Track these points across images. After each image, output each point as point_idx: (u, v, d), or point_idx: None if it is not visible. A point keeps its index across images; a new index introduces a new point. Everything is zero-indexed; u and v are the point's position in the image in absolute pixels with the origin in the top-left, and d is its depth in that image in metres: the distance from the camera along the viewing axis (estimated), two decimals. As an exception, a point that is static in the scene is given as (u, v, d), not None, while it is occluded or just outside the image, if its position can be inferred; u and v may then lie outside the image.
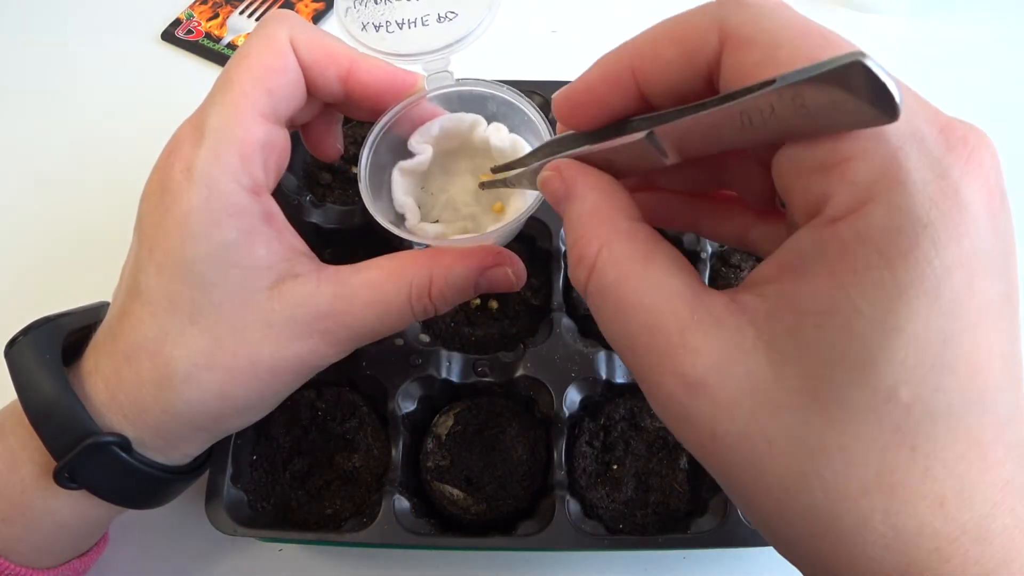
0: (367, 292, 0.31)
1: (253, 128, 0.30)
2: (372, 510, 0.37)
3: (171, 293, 0.30)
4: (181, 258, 0.29)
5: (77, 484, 0.31)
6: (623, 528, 0.39)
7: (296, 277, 0.31)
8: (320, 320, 0.31)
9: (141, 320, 0.31)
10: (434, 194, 0.36)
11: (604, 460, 0.40)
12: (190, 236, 0.29)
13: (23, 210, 0.54)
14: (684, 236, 0.44)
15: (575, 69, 0.25)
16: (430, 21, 0.33)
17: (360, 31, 0.33)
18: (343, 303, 0.31)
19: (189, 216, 0.29)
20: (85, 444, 0.30)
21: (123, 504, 0.34)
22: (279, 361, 0.31)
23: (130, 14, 0.63)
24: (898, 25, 0.63)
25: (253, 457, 0.40)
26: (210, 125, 0.30)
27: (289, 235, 0.33)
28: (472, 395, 0.41)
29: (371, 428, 0.40)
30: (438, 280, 0.32)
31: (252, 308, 0.30)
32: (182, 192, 0.29)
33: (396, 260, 0.32)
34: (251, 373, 0.31)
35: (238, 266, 0.30)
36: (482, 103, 0.35)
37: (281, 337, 0.31)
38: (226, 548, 0.41)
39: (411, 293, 0.32)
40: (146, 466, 0.32)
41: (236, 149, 0.29)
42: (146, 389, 0.31)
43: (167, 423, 0.31)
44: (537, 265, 0.45)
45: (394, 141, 0.35)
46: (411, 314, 0.32)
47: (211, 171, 0.29)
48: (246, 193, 0.30)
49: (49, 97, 0.59)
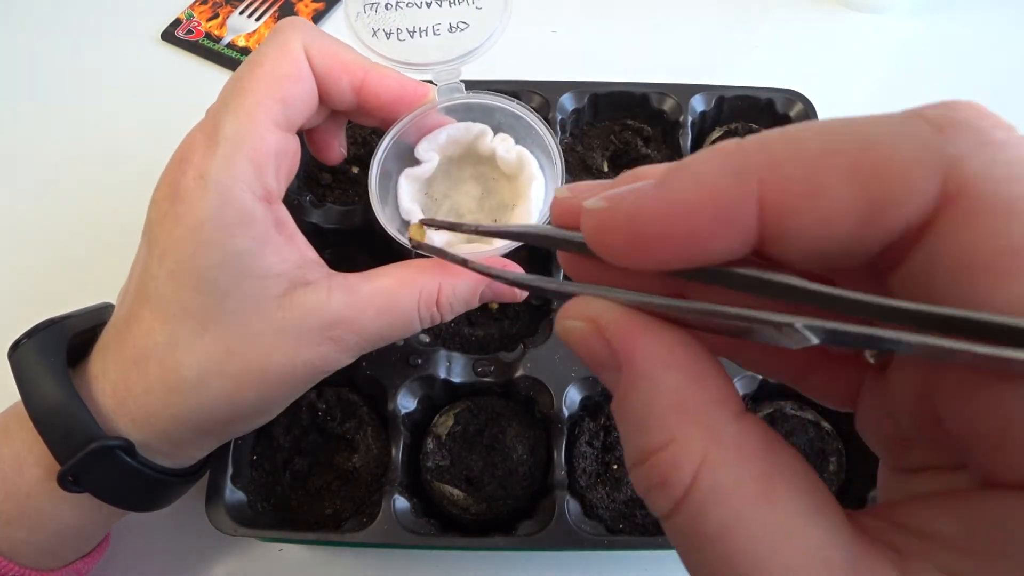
0: (378, 300, 0.32)
1: (267, 137, 0.30)
2: (372, 510, 0.37)
3: (182, 300, 0.30)
4: (193, 266, 0.29)
5: (81, 488, 0.31)
6: (623, 528, 0.39)
7: (307, 285, 0.31)
8: (331, 328, 0.31)
9: (151, 326, 0.31)
10: (438, 200, 0.37)
11: (604, 460, 0.40)
12: (203, 245, 0.29)
13: (23, 210, 0.54)
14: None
15: (575, 69, 0.25)
16: (441, 30, 0.33)
17: (371, 37, 0.33)
18: (354, 311, 0.31)
19: (202, 225, 0.29)
20: (90, 448, 0.30)
21: (126, 507, 0.34)
22: (289, 368, 0.31)
23: (130, 14, 0.63)
24: (898, 25, 0.63)
25: (253, 457, 0.40)
26: (224, 133, 0.30)
27: (300, 243, 0.33)
28: (472, 395, 0.41)
29: (371, 428, 0.40)
30: (446, 290, 0.32)
31: (263, 316, 0.30)
32: (195, 200, 0.29)
33: (406, 269, 0.33)
34: (261, 380, 0.31)
35: (250, 275, 0.30)
36: (489, 113, 0.35)
37: (292, 344, 0.31)
38: (226, 548, 0.41)
39: (420, 301, 0.32)
40: (150, 470, 0.32)
41: (250, 158, 0.29)
42: (155, 395, 0.31)
43: (175, 428, 0.31)
44: (537, 265, 0.45)
45: (400, 148, 0.35)
46: (418, 322, 0.33)
47: (224, 180, 0.29)
48: (259, 202, 0.30)
49: (49, 97, 0.59)
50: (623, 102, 0.50)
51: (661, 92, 0.49)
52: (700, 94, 0.49)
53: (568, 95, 0.49)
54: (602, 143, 0.50)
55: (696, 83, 0.50)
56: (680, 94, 0.49)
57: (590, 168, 0.48)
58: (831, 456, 0.40)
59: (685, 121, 0.48)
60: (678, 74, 0.56)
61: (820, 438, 0.40)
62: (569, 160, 0.49)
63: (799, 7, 0.64)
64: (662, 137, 0.50)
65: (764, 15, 0.64)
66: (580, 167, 0.49)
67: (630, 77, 0.50)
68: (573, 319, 0.17)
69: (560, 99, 0.48)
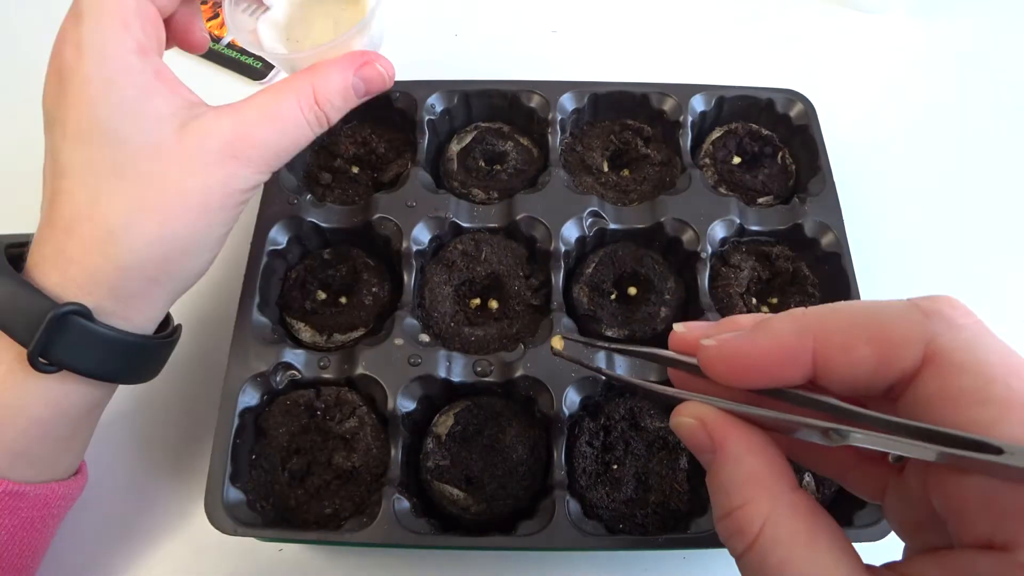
0: (260, 112, 0.35)
1: None
2: (372, 510, 0.37)
3: (91, 157, 0.33)
4: (92, 123, 0.32)
5: (54, 366, 0.33)
6: (623, 528, 0.39)
7: (197, 118, 0.34)
8: (228, 146, 0.34)
9: (71, 193, 0.33)
10: (299, 41, 0.41)
11: (604, 460, 0.40)
12: (93, 100, 0.32)
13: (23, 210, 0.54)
14: (684, 236, 0.44)
15: (575, 69, 0.25)
16: None
17: None
18: (244, 127, 0.34)
19: (88, 83, 0.32)
20: (48, 319, 0.31)
21: (103, 377, 0.35)
22: (205, 190, 0.34)
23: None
24: (898, 25, 0.63)
25: (252, 457, 0.40)
26: (84, 5, 0.33)
27: (182, 88, 0.35)
28: (472, 395, 0.41)
29: (370, 428, 0.40)
30: (319, 86, 0.36)
31: (166, 151, 0.33)
32: (78, 66, 0.32)
33: (281, 81, 0.37)
34: (183, 207, 0.33)
35: (143, 117, 0.33)
36: None
37: (200, 168, 0.34)
38: (226, 548, 0.41)
39: (300, 103, 0.36)
40: (113, 332, 0.34)
41: (114, 18, 0.33)
42: (93, 252, 0.33)
43: (120, 279, 0.33)
44: (537, 265, 0.45)
45: None
46: (306, 124, 0.36)
47: (96, 40, 0.32)
48: (133, 54, 0.33)
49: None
50: (623, 102, 0.50)
51: (661, 92, 0.49)
52: (700, 94, 0.49)
53: (568, 95, 0.49)
54: (602, 143, 0.50)
55: (696, 83, 0.50)
56: (680, 94, 0.49)
57: (590, 168, 0.48)
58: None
59: (685, 121, 0.48)
60: (678, 74, 0.56)
61: (820, 438, 0.40)
62: (569, 160, 0.49)
63: (799, 7, 0.64)
64: (662, 137, 0.50)
65: (764, 15, 0.64)
66: (580, 167, 0.49)
67: (630, 77, 0.50)
68: (685, 417, 0.25)
69: (560, 99, 0.48)
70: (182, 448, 0.44)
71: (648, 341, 0.43)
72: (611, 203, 0.46)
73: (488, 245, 0.45)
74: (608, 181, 0.48)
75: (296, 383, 0.41)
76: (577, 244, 0.45)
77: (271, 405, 0.41)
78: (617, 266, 0.45)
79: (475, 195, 0.47)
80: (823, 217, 0.45)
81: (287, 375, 0.41)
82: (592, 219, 0.45)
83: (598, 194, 0.47)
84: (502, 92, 0.49)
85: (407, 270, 0.43)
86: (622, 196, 0.48)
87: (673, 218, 0.45)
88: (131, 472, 0.43)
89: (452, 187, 0.47)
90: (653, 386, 0.27)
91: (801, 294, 0.45)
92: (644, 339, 0.43)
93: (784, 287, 0.45)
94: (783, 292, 0.46)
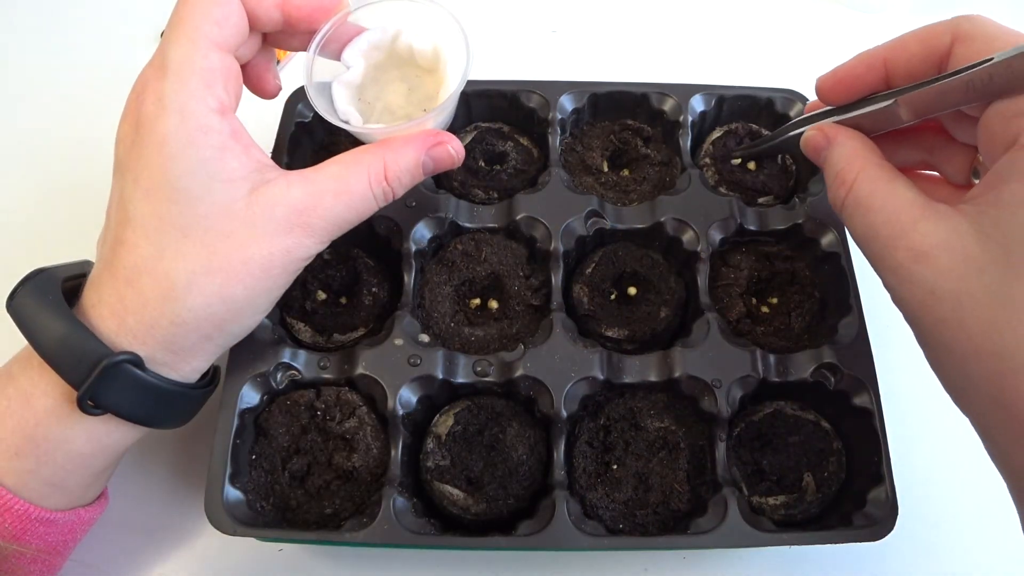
0: (332, 184, 0.35)
1: (210, 55, 0.33)
2: (372, 510, 0.37)
3: (160, 213, 0.33)
4: (165, 179, 0.32)
5: (100, 409, 0.33)
6: (623, 528, 0.39)
7: (268, 183, 0.34)
8: (296, 215, 0.34)
9: (136, 244, 0.33)
10: (371, 103, 0.40)
11: (604, 460, 0.40)
12: (170, 157, 0.32)
13: (23, 210, 0.54)
14: (684, 235, 0.44)
15: (575, 69, 0.26)
16: None
17: None
18: (313, 198, 0.34)
19: (167, 140, 0.32)
20: (102, 366, 0.32)
21: (145, 422, 0.35)
22: (268, 256, 0.34)
23: (130, 14, 0.63)
24: (898, 25, 0.62)
25: (252, 456, 0.40)
26: (171, 59, 0.33)
27: (255, 150, 0.35)
28: (472, 395, 0.41)
29: (371, 428, 0.40)
30: (391, 163, 0.36)
31: (235, 215, 0.33)
32: (157, 121, 0.32)
33: (352, 154, 0.36)
34: (245, 271, 0.34)
35: (217, 179, 0.33)
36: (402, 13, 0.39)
37: (266, 235, 0.34)
38: (226, 548, 0.41)
39: (370, 179, 0.36)
40: (161, 380, 0.34)
41: (199, 76, 0.33)
42: (151, 306, 0.33)
43: (175, 335, 0.34)
44: (537, 265, 0.45)
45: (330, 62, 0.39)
46: (373, 198, 0.36)
47: (180, 97, 0.32)
48: (214, 114, 0.33)
49: (47, 97, 0.59)
50: (623, 102, 0.50)
51: (661, 92, 0.49)
52: (700, 94, 0.49)
53: (568, 95, 0.49)
54: (602, 143, 0.50)
55: (696, 83, 0.50)
56: (680, 94, 0.49)
57: (590, 168, 0.48)
58: (831, 456, 0.40)
59: (685, 121, 0.48)
60: (678, 74, 0.56)
61: (820, 438, 0.40)
62: (569, 160, 0.49)
63: (799, 7, 0.64)
64: (662, 137, 0.50)
65: (764, 15, 0.64)
66: (580, 167, 0.49)
67: (630, 77, 0.50)
68: (810, 130, 0.36)
69: (560, 99, 0.48)
70: (182, 448, 0.44)
71: (648, 341, 0.43)
72: (611, 203, 0.46)
73: (488, 245, 0.45)
74: (608, 181, 0.48)
75: (296, 383, 0.41)
76: (577, 244, 0.45)
77: (271, 405, 0.41)
78: (617, 266, 0.45)
79: (475, 195, 0.47)
80: (823, 217, 0.45)
81: (287, 375, 0.41)
82: (592, 219, 0.45)
83: (598, 194, 0.47)
84: (502, 92, 0.49)
85: (407, 270, 0.43)
86: (622, 196, 0.48)
87: (673, 218, 0.45)
88: (131, 472, 0.43)
89: (452, 187, 0.47)
90: (790, 133, 0.39)
91: (801, 294, 0.45)
92: (644, 339, 0.43)
93: (784, 287, 0.46)
94: (783, 292, 0.46)
